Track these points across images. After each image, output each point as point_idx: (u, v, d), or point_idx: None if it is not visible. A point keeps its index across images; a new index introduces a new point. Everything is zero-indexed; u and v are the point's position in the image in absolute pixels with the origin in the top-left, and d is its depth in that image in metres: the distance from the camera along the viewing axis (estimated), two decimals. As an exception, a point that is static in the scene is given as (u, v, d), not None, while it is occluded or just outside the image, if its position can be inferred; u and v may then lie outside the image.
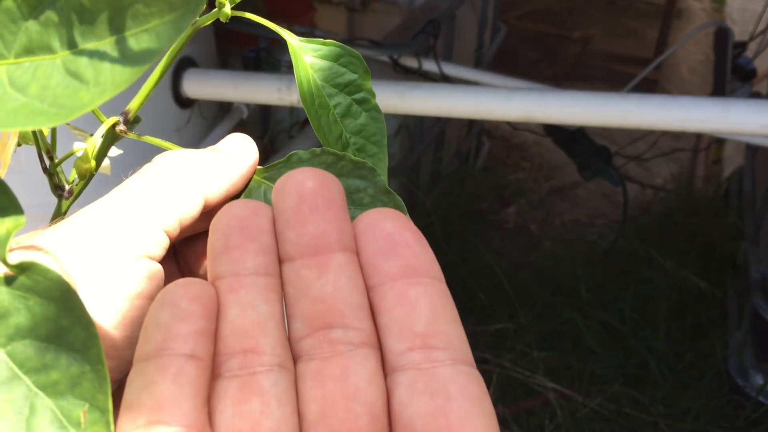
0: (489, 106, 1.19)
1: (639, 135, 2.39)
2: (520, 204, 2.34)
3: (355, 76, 0.32)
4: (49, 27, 0.19)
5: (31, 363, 0.20)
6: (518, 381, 1.61)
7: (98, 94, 0.19)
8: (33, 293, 0.20)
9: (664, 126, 1.17)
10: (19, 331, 0.20)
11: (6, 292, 0.20)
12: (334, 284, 0.23)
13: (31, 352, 0.20)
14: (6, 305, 0.20)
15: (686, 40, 2.69)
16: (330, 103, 0.32)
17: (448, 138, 2.07)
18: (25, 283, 0.20)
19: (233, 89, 1.28)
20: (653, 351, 1.66)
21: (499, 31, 2.31)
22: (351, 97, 0.32)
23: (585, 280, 1.82)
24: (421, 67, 1.59)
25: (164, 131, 1.32)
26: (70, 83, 0.19)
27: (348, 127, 0.32)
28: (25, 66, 0.19)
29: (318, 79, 0.32)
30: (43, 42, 0.19)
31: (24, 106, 0.19)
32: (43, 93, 0.19)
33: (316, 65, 0.32)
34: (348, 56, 0.32)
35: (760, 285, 1.49)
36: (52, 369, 0.20)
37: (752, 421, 1.47)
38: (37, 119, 0.18)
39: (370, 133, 0.32)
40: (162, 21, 0.19)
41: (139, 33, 0.19)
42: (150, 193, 0.27)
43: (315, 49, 0.32)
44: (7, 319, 0.20)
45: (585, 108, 1.16)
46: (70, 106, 0.18)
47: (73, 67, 0.19)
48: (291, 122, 1.67)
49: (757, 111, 1.10)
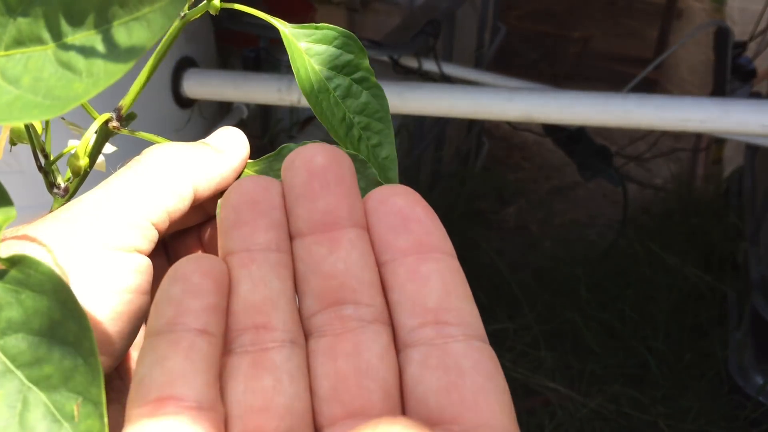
0: (489, 106, 1.19)
1: (639, 135, 2.39)
2: (520, 204, 2.34)
3: (352, 56, 0.32)
4: (38, 18, 0.19)
5: (23, 357, 0.19)
6: (518, 381, 1.61)
7: (92, 84, 0.18)
8: (25, 287, 0.20)
9: (664, 126, 1.17)
10: (11, 325, 0.20)
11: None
12: (345, 260, 0.23)
13: (23, 346, 0.19)
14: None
15: (686, 40, 2.69)
16: (329, 86, 0.32)
17: (448, 138, 2.07)
18: (16, 276, 0.20)
19: (233, 89, 1.28)
20: (653, 351, 1.66)
21: (499, 31, 2.31)
22: (350, 77, 0.32)
23: (585, 280, 1.82)
24: (421, 67, 1.59)
25: (164, 131, 1.32)
26: (63, 74, 0.19)
27: (350, 107, 0.32)
28: (16, 58, 0.19)
29: (315, 64, 0.32)
30: (33, 33, 0.19)
31: (17, 98, 0.18)
32: (36, 85, 0.19)
33: (311, 50, 0.32)
34: (342, 37, 0.32)
35: (760, 285, 1.49)
36: (45, 363, 0.19)
37: (752, 421, 1.47)
38: (32, 112, 0.18)
39: (373, 111, 0.32)
40: (152, 9, 0.18)
41: (130, 22, 0.18)
42: (138, 185, 0.27)
43: (308, 34, 0.32)
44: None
45: (585, 108, 1.16)
46: (64, 98, 0.18)
47: (65, 58, 0.19)
48: (291, 122, 1.67)
49: (757, 111, 1.10)
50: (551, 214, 2.29)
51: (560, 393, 1.58)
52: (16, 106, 0.18)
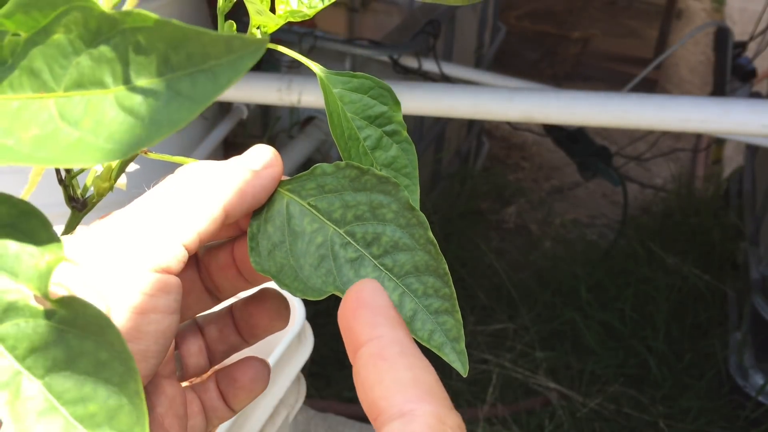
0: (489, 106, 1.19)
1: (639, 135, 2.39)
2: (520, 204, 2.34)
3: (386, 108, 0.32)
4: (101, 62, 0.19)
5: (68, 395, 0.20)
6: (518, 381, 1.61)
7: (155, 131, 0.18)
8: (72, 326, 0.20)
9: (664, 126, 1.17)
10: (56, 364, 0.20)
11: (45, 324, 0.20)
12: None
13: (69, 384, 0.20)
14: (45, 338, 0.20)
15: (686, 40, 2.69)
16: (360, 136, 0.32)
17: (448, 138, 2.07)
18: (64, 316, 0.20)
19: (233, 89, 1.28)
20: (653, 351, 1.66)
21: (499, 31, 2.31)
22: (381, 129, 0.32)
23: (585, 280, 1.82)
24: (421, 67, 1.59)
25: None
26: (124, 119, 0.19)
27: (379, 159, 0.32)
28: (75, 100, 0.19)
29: (348, 112, 0.32)
30: (95, 77, 0.19)
31: (79, 141, 0.19)
32: (98, 128, 0.19)
33: (345, 97, 0.32)
34: (378, 88, 0.32)
35: (760, 285, 1.49)
36: (90, 401, 0.20)
37: (752, 421, 1.47)
38: (95, 155, 0.18)
39: (401, 165, 0.32)
40: (218, 62, 0.18)
41: (195, 73, 0.19)
42: (170, 206, 0.27)
43: (344, 82, 0.32)
44: (45, 351, 0.20)
45: (585, 108, 1.16)
46: (126, 143, 0.18)
47: (128, 103, 0.19)
48: (291, 122, 1.67)
49: (757, 111, 1.10)
50: (551, 214, 2.29)
51: (560, 393, 1.58)
52: (78, 149, 0.19)
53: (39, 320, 0.20)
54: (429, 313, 0.29)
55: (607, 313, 1.74)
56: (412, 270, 0.29)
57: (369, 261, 0.29)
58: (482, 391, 1.56)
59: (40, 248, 0.20)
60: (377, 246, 0.29)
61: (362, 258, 0.29)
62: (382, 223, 0.29)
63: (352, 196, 0.29)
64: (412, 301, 0.29)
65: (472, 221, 2.12)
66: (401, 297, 0.29)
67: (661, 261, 1.86)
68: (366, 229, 0.29)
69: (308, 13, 0.30)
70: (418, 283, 0.29)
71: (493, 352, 1.64)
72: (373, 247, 0.29)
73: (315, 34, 1.57)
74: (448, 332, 0.29)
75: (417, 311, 0.29)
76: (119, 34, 0.19)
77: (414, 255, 0.29)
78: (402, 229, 0.29)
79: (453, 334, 0.29)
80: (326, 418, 1.35)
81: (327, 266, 0.29)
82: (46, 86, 0.19)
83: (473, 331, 1.71)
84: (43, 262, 0.20)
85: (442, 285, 0.29)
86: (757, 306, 1.47)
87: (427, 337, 0.29)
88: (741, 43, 2.02)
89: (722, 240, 1.94)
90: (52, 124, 0.19)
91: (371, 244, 0.29)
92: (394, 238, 0.29)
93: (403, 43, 1.62)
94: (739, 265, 1.80)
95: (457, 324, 0.29)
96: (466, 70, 1.64)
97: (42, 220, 0.20)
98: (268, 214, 0.30)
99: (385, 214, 0.29)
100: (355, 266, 0.29)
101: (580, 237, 2.15)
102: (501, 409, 1.54)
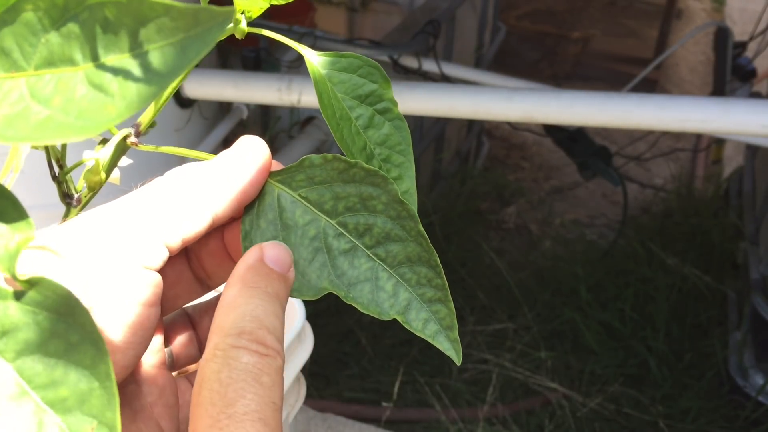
0: (489, 106, 1.19)
1: (639, 135, 2.39)
2: (520, 204, 2.34)
3: (375, 86, 0.32)
4: (71, 39, 0.19)
5: (39, 379, 0.20)
6: (518, 381, 1.61)
7: (125, 107, 0.18)
8: (42, 308, 0.20)
9: (664, 126, 1.17)
10: (27, 347, 0.20)
11: (15, 306, 0.20)
12: None
13: (39, 368, 0.20)
14: (15, 320, 0.20)
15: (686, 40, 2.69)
16: (351, 115, 0.32)
17: (448, 138, 2.08)
18: (34, 298, 0.20)
19: (233, 89, 1.28)
20: (653, 351, 1.66)
21: (499, 31, 2.31)
22: (373, 107, 0.32)
23: (585, 280, 1.82)
24: (421, 67, 1.59)
25: (164, 131, 1.32)
26: (95, 96, 0.19)
27: (371, 138, 0.32)
28: (45, 78, 0.19)
29: (338, 92, 0.32)
30: (64, 54, 0.19)
31: (49, 119, 0.18)
32: (68, 106, 0.19)
33: (334, 78, 0.32)
34: (367, 66, 0.32)
35: (760, 285, 1.49)
36: (61, 385, 0.20)
37: (752, 421, 1.47)
38: (65, 132, 0.18)
39: (394, 143, 0.32)
40: (188, 35, 0.18)
41: (165, 46, 0.18)
42: (157, 208, 0.28)
43: (333, 62, 0.32)
44: (15, 334, 0.20)
45: (585, 108, 1.16)
46: (96, 120, 0.18)
47: (98, 80, 0.19)
48: (291, 122, 1.67)
49: (757, 111, 1.10)
50: (551, 214, 2.29)
51: (560, 393, 1.58)
52: (48, 127, 0.18)
53: (9, 302, 0.20)
54: (423, 302, 0.29)
55: (607, 313, 1.74)
56: (405, 260, 0.29)
57: (362, 251, 0.29)
58: (482, 391, 1.56)
59: (9, 228, 0.20)
60: (369, 236, 0.29)
61: (355, 249, 0.30)
62: (373, 214, 0.29)
63: (341, 187, 0.30)
64: (406, 291, 0.29)
65: (472, 221, 2.12)
66: (395, 287, 0.29)
67: (661, 261, 1.86)
68: (358, 220, 0.29)
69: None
70: (412, 273, 0.29)
71: (493, 352, 1.64)
72: (365, 237, 0.29)
73: (315, 34, 1.57)
74: (442, 321, 0.29)
75: (411, 300, 0.29)
76: (87, 9, 0.19)
77: (406, 246, 0.29)
78: (393, 221, 0.29)
79: (446, 322, 0.29)
80: (326, 418, 1.35)
81: (321, 259, 0.30)
82: (16, 65, 0.19)
83: (473, 331, 1.71)
84: (13, 243, 0.19)
85: (434, 275, 0.29)
86: (757, 306, 1.47)
87: (422, 326, 0.29)
88: (741, 43, 2.02)
89: (722, 240, 1.94)
90: (23, 103, 0.19)
91: (363, 234, 0.30)
92: (386, 229, 0.29)
93: (403, 43, 1.62)
94: (739, 265, 1.80)
95: (450, 313, 0.29)
96: (466, 70, 1.64)
97: (12, 200, 0.20)
98: (260, 208, 0.30)
99: (375, 206, 0.29)
100: (348, 257, 0.29)
101: (580, 237, 2.15)
102: (501, 409, 1.54)
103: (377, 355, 1.65)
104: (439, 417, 1.49)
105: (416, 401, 1.56)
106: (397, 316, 0.29)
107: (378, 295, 0.29)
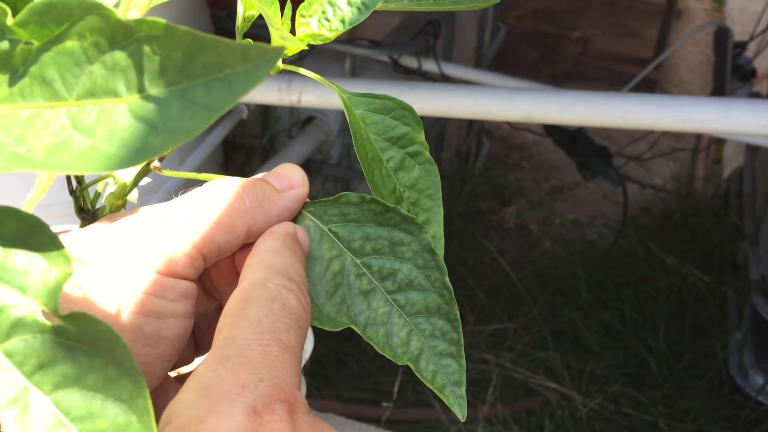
0: (489, 106, 1.19)
1: (639, 135, 2.39)
2: (520, 204, 2.34)
3: (408, 129, 0.32)
4: (115, 71, 0.19)
5: (77, 411, 0.20)
6: (518, 381, 1.61)
7: (169, 139, 0.19)
8: (81, 342, 0.20)
9: (664, 126, 1.17)
10: (65, 380, 0.20)
11: (54, 340, 0.20)
12: None
13: (77, 401, 0.20)
14: (53, 354, 0.20)
15: (686, 40, 2.69)
16: (383, 157, 0.32)
17: (448, 138, 2.07)
18: (73, 332, 0.20)
19: (233, 89, 1.27)
20: (653, 351, 1.66)
21: (499, 31, 2.31)
22: (404, 150, 0.32)
23: (585, 280, 1.82)
24: (421, 67, 1.59)
25: (164, 131, 1.32)
26: (137, 128, 0.19)
27: (401, 180, 0.32)
28: (87, 109, 0.19)
29: (370, 133, 0.32)
30: (108, 86, 0.19)
31: (92, 149, 0.19)
32: (111, 136, 0.19)
33: (368, 118, 0.32)
34: (400, 109, 0.32)
35: (760, 285, 1.49)
36: (99, 418, 0.20)
37: (752, 421, 1.48)
38: (108, 162, 0.19)
39: (423, 187, 0.32)
40: (234, 71, 0.18)
41: (211, 81, 0.19)
42: (196, 218, 0.27)
43: (366, 103, 0.32)
44: (54, 367, 0.20)
45: (585, 108, 1.16)
46: (139, 150, 0.19)
47: (141, 112, 0.19)
48: (291, 122, 1.67)
49: (757, 111, 1.10)
50: (551, 214, 2.29)
51: (560, 393, 1.58)
52: (92, 156, 0.19)
53: (47, 336, 0.20)
54: (434, 354, 0.29)
55: (607, 313, 1.74)
56: (423, 310, 0.30)
57: (381, 294, 0.30)
58: (482, 391, 1.57)
59: (48, 263, 0.20)
60: (392, 281, 0.30)
61: (375, 290, 0.30)
62: (400, 260, 0.30)
63: (374, 229, 0.30)
64: (419, 341, 0.29)
65: (472, 221, 2.12)
66: (409, 335, 0.29)
67: (661, 261, 1.86)
68: (383, 264, 0.30)
69: (329, 36, 0.30)
70: (427, 324, 0.29)
71: (493, 352, 1.64)
72: (387, 281, 0.30)
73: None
74: (451, 375, 0.29)
75: (423, 350, 0.29)
76: (135, 42, 0.19)
77: (427, 296, 0.30)
78: (419, 270, 0.30)
79: (455, 378, 0.29)
80: (326, 418, 1.35)
81: (341, 294, 0.30)
82: (57, 95, 0.19)
83: (473, 331, 1.71)
84: (52, 278, 0.20)
85: (450, 329, 0.29)
86: (757, 306, 1.47)
87: (431, 377, 0.29)
88: (741, 43, 2.02)
89: (722, 240, 1.94)
90: (64, 133, 0.19)
91: (386, 278, 0.30)
92: (410, 277, 0.30)
93: (403, 43, 1.62)
94: (739, 265, 1.80)
95: (461, 369, 0.29)
96: (466, 70, 1.64)
97: (50, 235, 0.20)
98: None
99: (404, 252, 0.30)
100: (367, 298, 0.30)
101: (580, 237, 2.15)
102: (501, 409, 1.54)
103: (377, 355, 1.64)
104: (439, 417, 1.49)
105: (416, 401, 1.56)
106: (409, 362, 0.29)
107: (392, 339, 0.30)
